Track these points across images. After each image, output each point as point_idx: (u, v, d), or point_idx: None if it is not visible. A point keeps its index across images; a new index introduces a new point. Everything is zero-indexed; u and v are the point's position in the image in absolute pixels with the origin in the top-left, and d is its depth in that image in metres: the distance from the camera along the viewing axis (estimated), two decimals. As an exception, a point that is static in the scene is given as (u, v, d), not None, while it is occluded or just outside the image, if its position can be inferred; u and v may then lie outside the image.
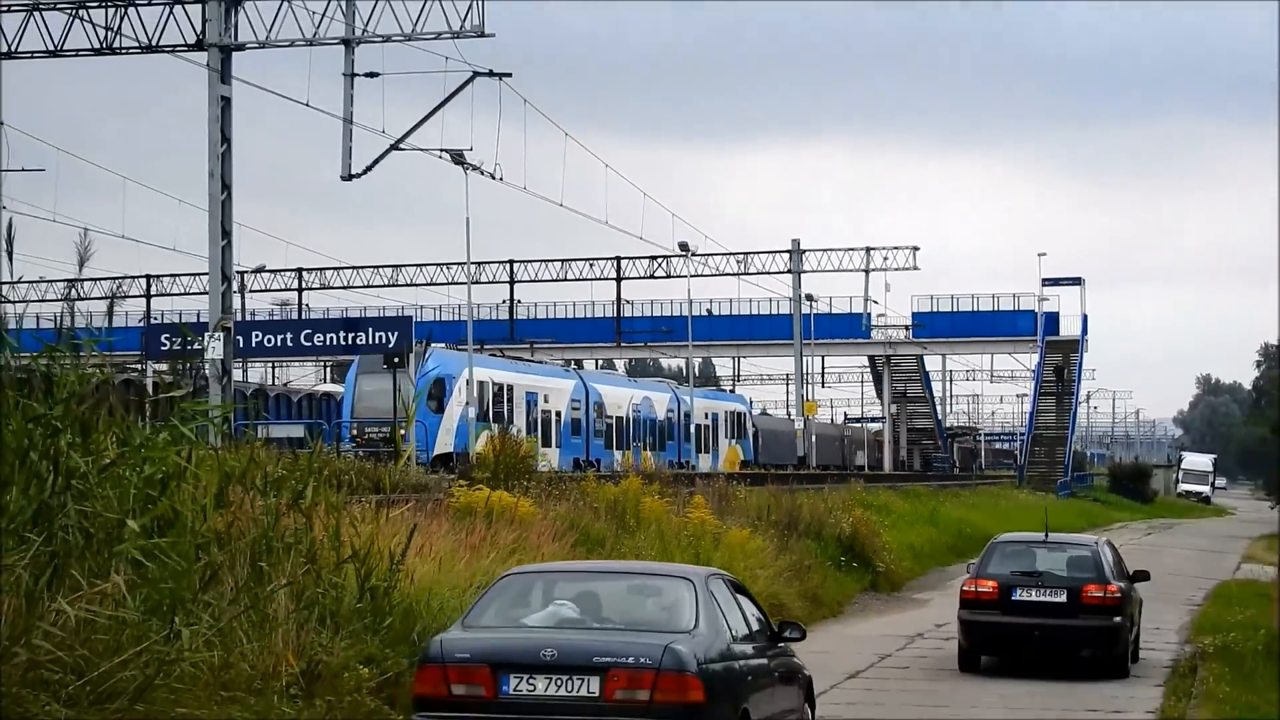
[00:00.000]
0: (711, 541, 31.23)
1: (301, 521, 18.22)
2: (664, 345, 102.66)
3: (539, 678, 15.45)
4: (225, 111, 43.64)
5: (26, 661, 12.22)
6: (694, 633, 16.24)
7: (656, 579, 19.27)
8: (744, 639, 17.52)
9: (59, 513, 14.07)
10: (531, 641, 16.02)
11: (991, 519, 65.89)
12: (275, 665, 15.27)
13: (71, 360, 16.59)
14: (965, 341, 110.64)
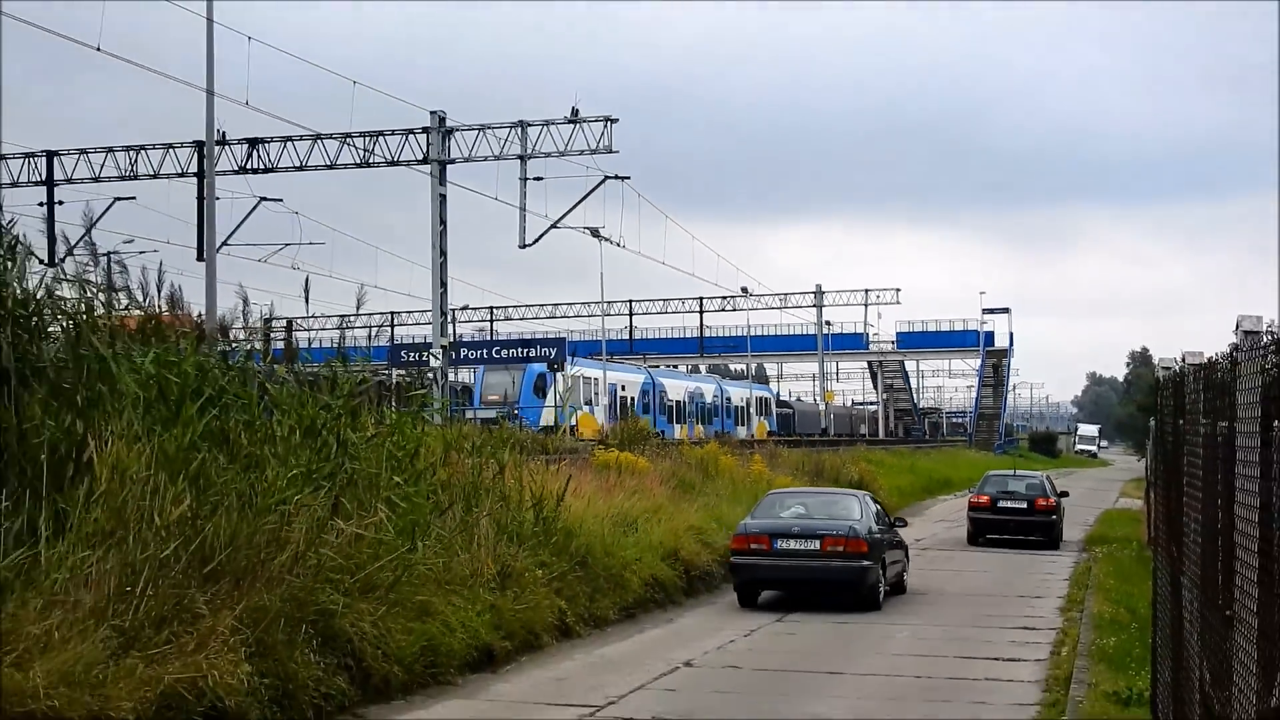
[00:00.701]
0: (766, 485, 31.34)
1: (497, 472, 18.75)
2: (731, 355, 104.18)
3: (791, 540, 22.88)
4: (442, 204, 44.16)
5: (315, 565, 12.74)
6: (860, 521, 23.53)
7: (839, 496, 27.31)
8: (879, 525, 24.37)
9: (339, 468, 14.65)
10: (787, 524, 23.62)
11: (951, 469, 65.90)
12: (479, 568, 15.71)
13: (345, 368, 17.13)
14: (932, 351, 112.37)
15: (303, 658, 11.62)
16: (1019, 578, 27.85)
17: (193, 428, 12.62)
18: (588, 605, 17.71)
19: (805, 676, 14.75)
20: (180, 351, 14.07)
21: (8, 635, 9.41)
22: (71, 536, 10.99)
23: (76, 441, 11.81)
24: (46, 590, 10.27)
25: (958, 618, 21.71)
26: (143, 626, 10.42)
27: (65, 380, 12.52)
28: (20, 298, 13.07)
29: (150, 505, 11.39)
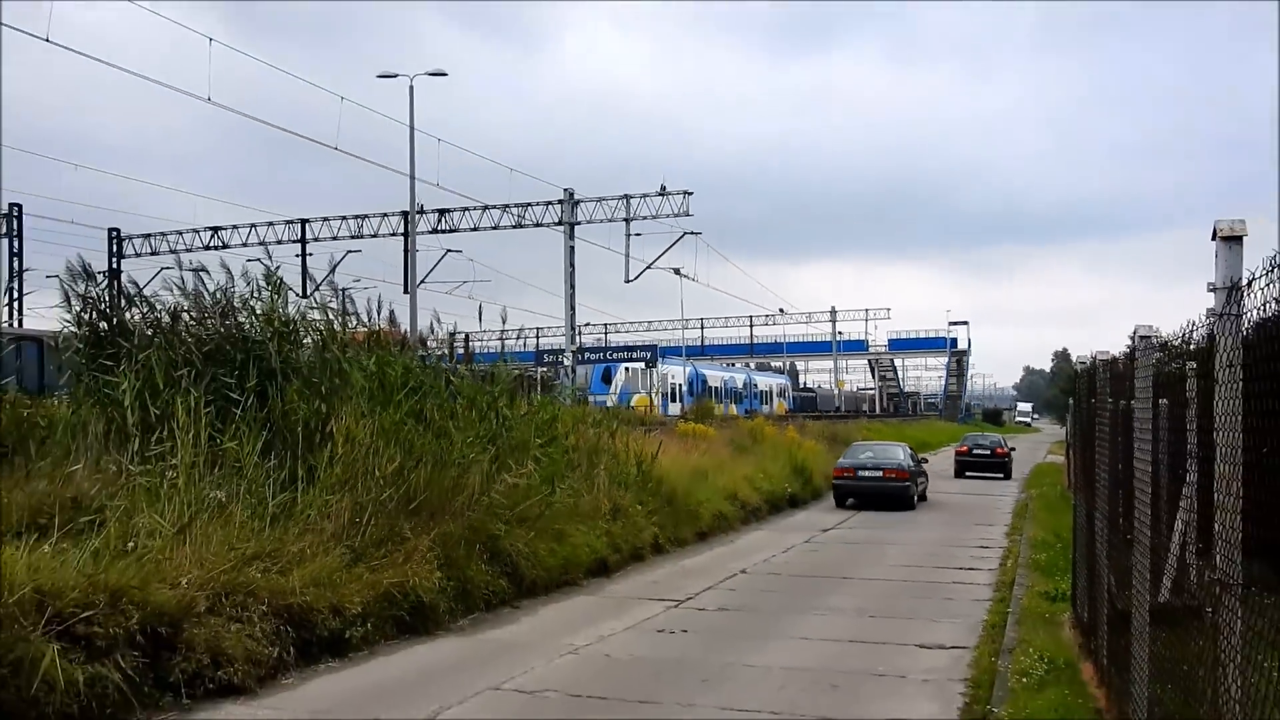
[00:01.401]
0: (799, 448, 31.17)
1: (610, 438, 18.78)
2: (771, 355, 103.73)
3: (865, 471, 27.15)
4: (571, 253, 44.43)
5: (487, 504, 12.82)
6: (903, 460, 27.83)
7: (891, 445, 31.43)
8: (913, 462, 28.44)
9: (500, 436, 14.72)
10: (863, 461, 27.72)
11: (928, 434, 64.89)
12: (599, 505, 15.75)
13: (503, 367, 17.20)
14: (912, 352, 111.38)
15: (476, 567, 11.74)
16: (981, 501, 27.70)
17: (401, 409, 12.75)
18: (673, 531, 17.74)
19: (825, 580, 14.69)
20: (393, 356, 14.22)
21: (276, 552, 9.55)
22: (319, 484, 11.17)
23: (322, 418, 11.99)
24: (301, 521, 10.44)
25: (949, 519, 24.55)
26: (367, 546, 10.58)
27: (314, 376, 12.71)
28: (284, 319, 13.29)
29: (372, 462, 11.53)
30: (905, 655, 10.08)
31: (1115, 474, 8.06)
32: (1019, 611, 12.01)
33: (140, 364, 12.00)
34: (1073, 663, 9.21)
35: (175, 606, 7.98)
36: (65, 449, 11.16)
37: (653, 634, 10.89)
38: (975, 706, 8.15)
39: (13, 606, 6.86)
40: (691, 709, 8.05)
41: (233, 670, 8.05)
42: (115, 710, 7.14)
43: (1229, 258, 4.05)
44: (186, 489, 10.01)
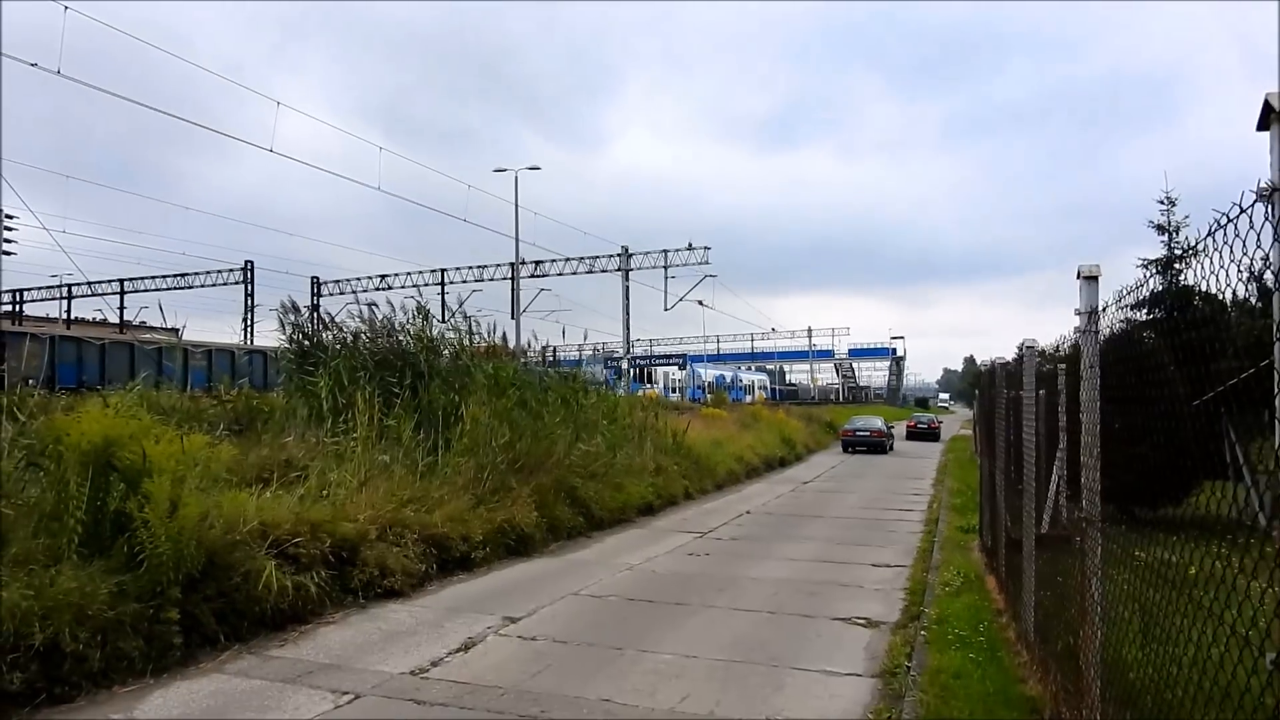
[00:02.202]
0: (785, 424, 30.91)
1: (654, 417, 18.73)
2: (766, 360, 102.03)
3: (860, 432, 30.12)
4: (626, 291, 44.43)
5: (568, 464, 12.80)
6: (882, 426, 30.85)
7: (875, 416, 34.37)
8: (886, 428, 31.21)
9: (577, 417, 14.69)
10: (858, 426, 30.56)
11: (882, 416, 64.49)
12: (645, 465, 15.70)
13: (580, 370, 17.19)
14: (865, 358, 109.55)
15: (561, 509, 11.71)
16: (916, 464, 27.27)
17: (510, 399, 12.78)
18: (698, 483, 17.61)
19: (804, 518, 14.52)
20: (503, 363, 14.27)
21: (423, 498, 9.59)
22: (452, 451, 11.19)
23: (455, 406, 12.02)
24: (441, 476, 10.47)
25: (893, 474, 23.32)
26: (486, 494, 10.58)
27: (449, 377, 12.76)
28: (429, 338, 13.36)
29: (489, 436, 11.54)
30: (861, 571, 9.96)
31: (1008, 442, 7.99)
32: (942, 540, 11.83)
33: (332, 368, 12.14)
34: (980, 576, 9.05)
35: (355, 535, 8.05)
36: (281, 426, 11.32)
37: (684, 556, 10.83)
38: (912, 607, 8.02)
39: (246, 534, 6.94)
40: (711, 607, 7.99)
41: (394, 580, 8.10)
42: (314, 607, 7.20)
43: (1088, 291, 3.98)
44: (363, 454, 10.09)
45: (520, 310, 41.86)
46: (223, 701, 5.35)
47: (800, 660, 6.39)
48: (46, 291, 53.03)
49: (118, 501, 6.30)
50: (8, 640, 5.07)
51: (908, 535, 12.74)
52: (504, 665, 6.17)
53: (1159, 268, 13.48)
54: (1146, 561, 3.27)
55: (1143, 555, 3.38)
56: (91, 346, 28.81)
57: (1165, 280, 8.64)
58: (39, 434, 6.99)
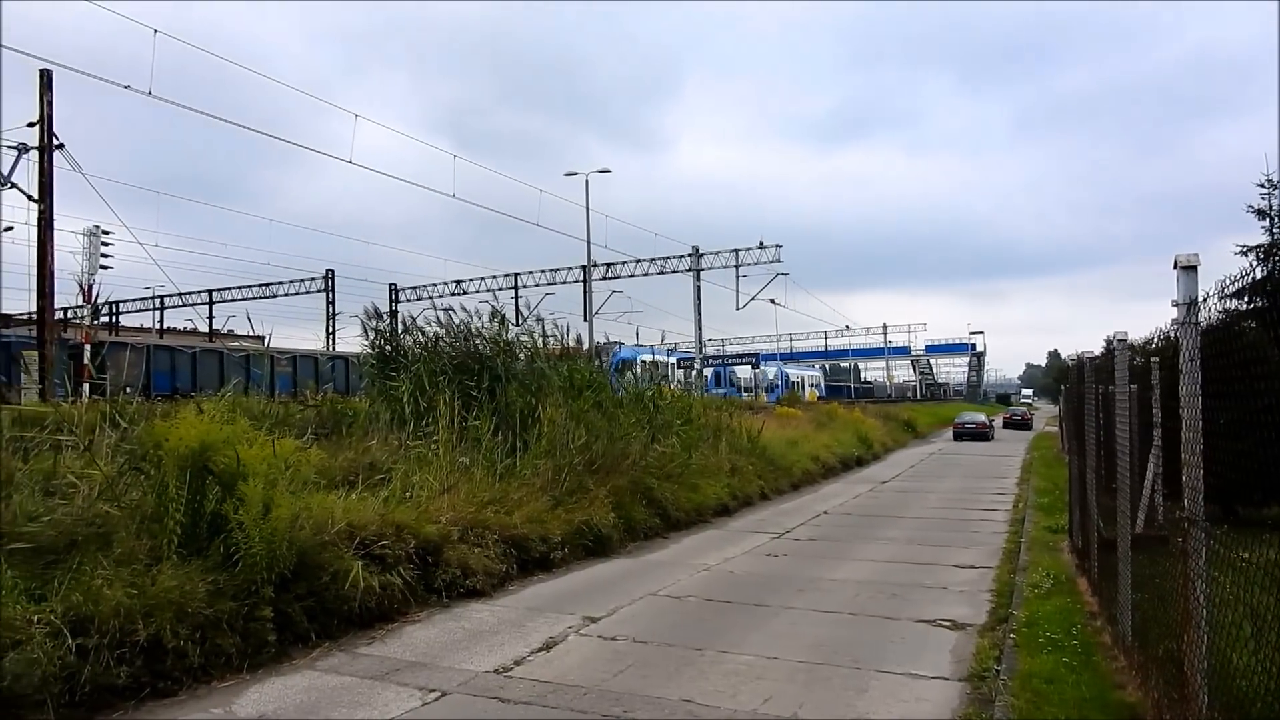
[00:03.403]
0: (861, 422, 30.33)
1: (728, 418, 18.63)
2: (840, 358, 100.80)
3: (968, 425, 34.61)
4: (698, 291, 44.36)
5: (644, 465, 12.80)
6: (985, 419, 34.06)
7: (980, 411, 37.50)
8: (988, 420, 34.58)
9: (653, 418, 14.69)
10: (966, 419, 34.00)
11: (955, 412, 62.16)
12: (720, 466, 15.62)
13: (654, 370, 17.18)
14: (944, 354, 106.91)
15: (637, 510, 11.74)
16: (1002, 458, 26.54)
17: (585, 401, 12.87)
18: (774, 483, 17.45)
19: (883, 518, 14.26)
20: (578, 364, 14.36)
21: (503, 499, 9.71)
22: (530, 453, 11.32)
23: (531, 408, 12.15)
24: (519, 478, 10.58)
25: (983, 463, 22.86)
26: (563, 495, 10.65)
27: (526, 379, 12.91)
28: (506, 340, 13.54)
29: (566, 438, 11.63)
30: (944, 572, 9.73)
31: (1098, 439, 7.73)
32: (1029, 541, 11.48)
33: (412, 373, 12.40)
34: (1071, 578, 8.76)
35: (437, 536, 8.20)
36: (364, 430, 11.58)
37: (761, 556, 10.75)
38: (999, 610, 7.81)
39: (334, 535, 7.14)
40: (791, 609, 7.91)
41: (476, 580, 8.23)
42: (400, 606, 7.36)
43: (1186, 281, 3.81)
44: (444, 456, 10.28)
45: (593, 312, 42.17)
46: (315, 697, 5.52)
47: (884, 663, 6.28)
48: (141, 303, 55.54)
49: (214, 504, 6.55)
50: (114, 636, 5.30)
51: (992, 536, 12.40)
52: (585, 665, 6.22)
53: (1261, 254, 12.85)
54: (1256, 563, 3.12)
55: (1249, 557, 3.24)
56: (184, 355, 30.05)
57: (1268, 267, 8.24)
58: (140, 440, 7.30)
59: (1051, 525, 12.31)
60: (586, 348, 19.99)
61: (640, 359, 31.32)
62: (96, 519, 6.23)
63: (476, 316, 13.81)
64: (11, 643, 4.81)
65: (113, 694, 5.20)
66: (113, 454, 7.25)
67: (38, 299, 20.85)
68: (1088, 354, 8.84)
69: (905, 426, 38.47)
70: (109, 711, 5.13)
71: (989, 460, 28.05)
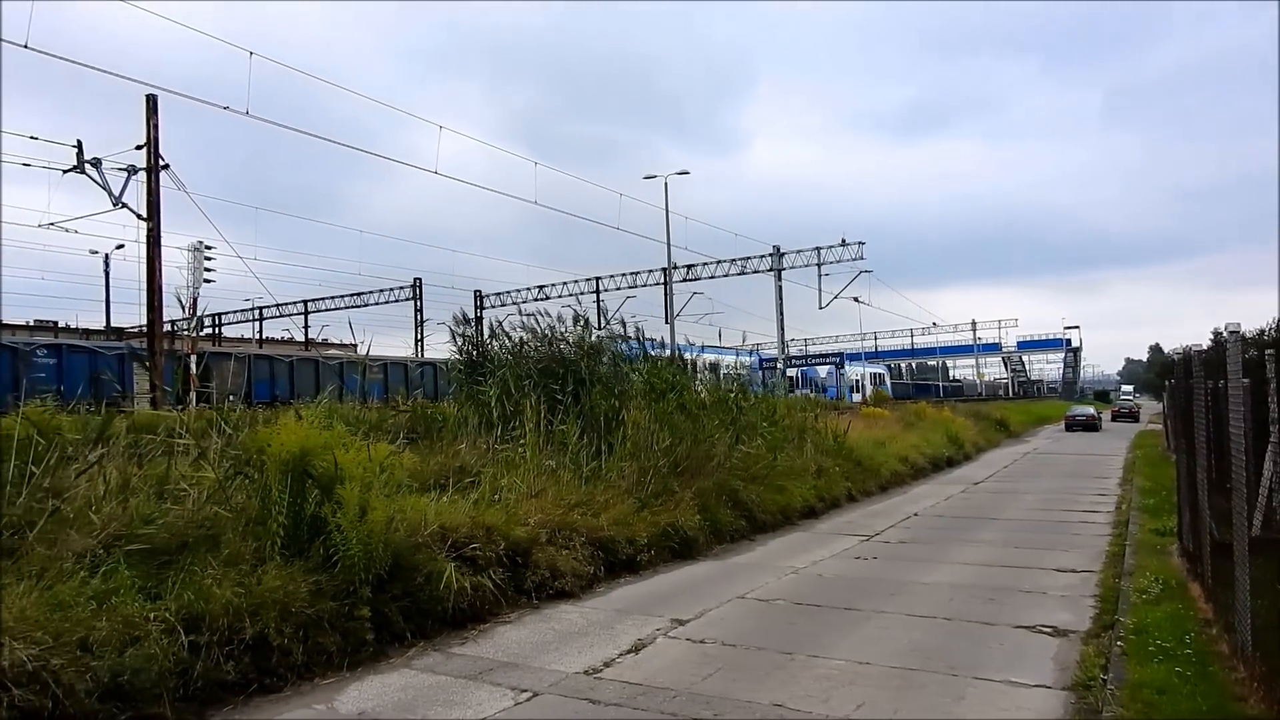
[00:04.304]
0: (952, 423, 29.42)
1: (813, 418, 18.36)
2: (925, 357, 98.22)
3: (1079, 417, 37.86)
4: (779, 291, 43.93)
5: (729, 467, 12.72)
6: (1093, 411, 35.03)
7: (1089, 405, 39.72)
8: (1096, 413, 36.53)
9: (737, 419, 14.58)
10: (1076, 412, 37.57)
11: (1051, 410, 59.16)
12: (806, 467, 15.38)
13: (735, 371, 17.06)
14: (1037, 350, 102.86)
15: (723, 512, 11.66)
16: (1102, 457, 25.42)
17: (669, 403, 12.86)
18: (861, 485, 17.11)
19: (977, 520, 13.85)
20: (660, 367, 14.35)
21: (589, 502, 9.78)
22: (615, 455, 11.38)
23: (616, 411, 12.22)
24: (605, 481, 10.65)
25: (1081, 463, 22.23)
26: (649, 498, 10.66)
27: (609, 382, 12.97)
28: (589, 343, 13.62)
29: (650, 440, 11.66)
30: (1044, 576, 9.38)
31: (1209, 437, 7.36)
32: (1134, 544, 10.97)
33: (499, 378, 12.61)
34: (1182, 583, 8.34)
35: (526, 539, 8.31)
36: (453, 434, 11.81)
37: (850, 559, 10.56)
38: (1104, 616, 7.48)
39: (427, 537, 7.31)
40: (884, 613, 7.75)
41: (564, 581, 8.31)
42: (491, 607, 7.48)
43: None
44: (531, 460, 10.42)
45: (674, 315, 42.17)
46: (412, 695, 5.65)
47: (982, 669, 6.09)
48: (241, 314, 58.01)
49: (313, 507, 6.78)
50: (223, 634, 5.53)
51: (1094, 538, 11.91)
52: (674, 667, 6.21)
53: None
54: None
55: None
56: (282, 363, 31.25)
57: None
58: (244, 445, 7.61)
59: (1158, 527, 11.75)
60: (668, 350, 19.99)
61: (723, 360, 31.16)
62: (206, 521, 6.53)
63: (560, 321, 13.96)
64: (131, 639, 5.06)
65: (223, 689, 5.42)
66: (219, 459, 7.58)
67: (148, 312, 21.96)
68: (1194, 348, 8.43)
69: (997, 425, 37.29)
70: (219, 706, 5.35)
71: (1088, 460, 26.94)
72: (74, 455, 6.92)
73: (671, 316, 41.58)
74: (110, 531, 5.99)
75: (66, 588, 5.27)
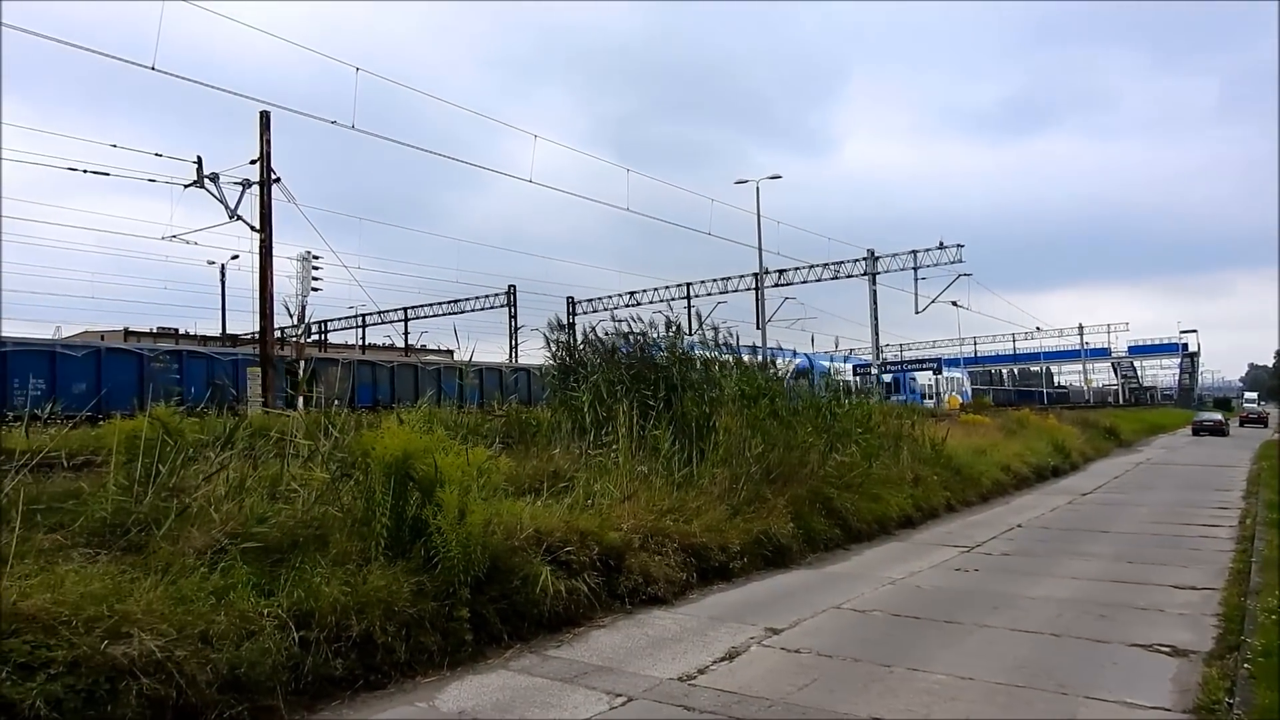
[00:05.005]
0: (1056, 430, 28.30)
1: (910, 425, 17.92)
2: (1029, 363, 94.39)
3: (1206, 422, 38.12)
4: (874, 295, 43.08)
5: (823, 475, 12.54)
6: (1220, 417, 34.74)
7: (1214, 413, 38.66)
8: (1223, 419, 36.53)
9: (830, 427, 14.32)
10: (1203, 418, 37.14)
11: (1165, 419, 56.41)
12: (903, 475, 15.02)
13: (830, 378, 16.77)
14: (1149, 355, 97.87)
15: (816, 520, 11.48)
16: (1222, 468, 23.97)
17: (760, 409, 12.75)
18: (960, 494, 16.60)
19: (1086, 532, 13.26)
20: (752, 373, 14.24)
21: (681, 508, 9.75)
22: (707, 462, 11.33)
23: (707, 417, 12.15)
24: (697, 487, 10.62)
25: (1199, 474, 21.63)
26: (741, 504, 10.58)
27: (701, 388, 12.93)
28: (682, 350, 13.63)
29: (742, 446, 11.58)
30: (1160, 593, 8.92)
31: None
32: (1261, 561, 10.29)
33: (591, 383, 12.73)
34: (1315, 604, 7.80)
35: (620, 544, 8.35)
36: (547, 439, 11.99)
37: (950, 571, 10.26)
38: (1229, 636, 7.06)
39: (523, 540, 7.42)
40: (987, 627, 7.50)
41: (657, 587, 8.31)
42: (585, 611, 7.55)
43: None
44: (624, 465, 10.47)
45: (765, 320, 41.85)
46: (510, 696, 5.75)
47: (1094, 689, 5.82)
48: (344, 321, 60.20)
49: (414, 509, 6.97)
50: (331, 631, 5.74)
51: (1215, 554, 11.26)
52: (769, 676, 6.14)
53: None
54: None
55: None
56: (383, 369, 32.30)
57: None
58: (349, 448, 7.89)
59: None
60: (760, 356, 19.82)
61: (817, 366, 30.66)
62: (314, 521, 6.79)
63: (652, 327, 14.00)
64: (247, 633, 5.30)
65: (331, 684, 5.62)
66: (327, 461, 7.87)
67: (259, 320, 23.01)
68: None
69: (1107, 434, 35.67)
70: (328, 700, 5.54)
71: (1207, 470, 25.48)
72: (195, 456, 7.29)
73: (763, 322, 41.28)
74: (227, 530, 6.29)
75: (188, 583, 5.54)
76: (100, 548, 5.95)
